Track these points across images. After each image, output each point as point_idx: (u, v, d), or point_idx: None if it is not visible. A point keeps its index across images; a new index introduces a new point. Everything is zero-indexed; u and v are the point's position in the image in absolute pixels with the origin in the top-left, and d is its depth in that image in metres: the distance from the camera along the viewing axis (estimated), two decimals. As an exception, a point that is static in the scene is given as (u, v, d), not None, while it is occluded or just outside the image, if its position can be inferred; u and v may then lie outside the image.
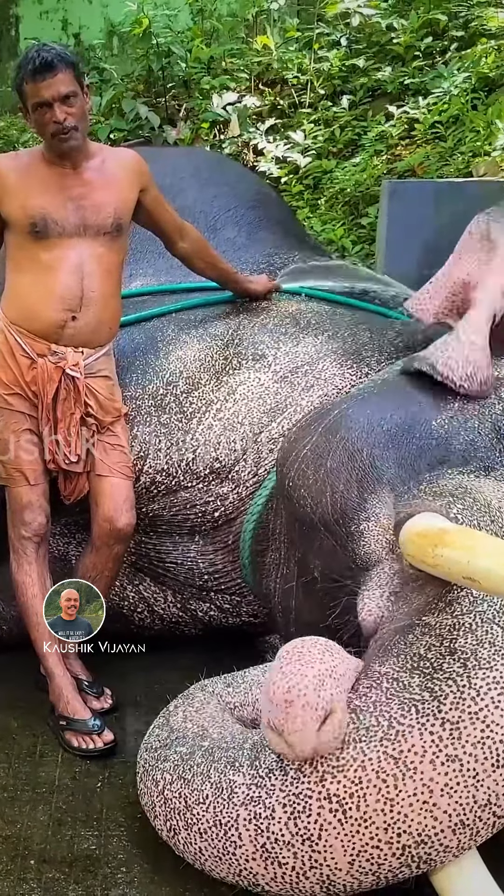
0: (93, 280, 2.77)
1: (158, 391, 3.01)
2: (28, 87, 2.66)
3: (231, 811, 1.95)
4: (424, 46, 6.41)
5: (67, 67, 2.64)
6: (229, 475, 2.90)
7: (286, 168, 6.33)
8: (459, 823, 1.83)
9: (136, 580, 3.14)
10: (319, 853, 1.86)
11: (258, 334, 3.12)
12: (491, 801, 1.83)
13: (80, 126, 2.69)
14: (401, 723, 1.86)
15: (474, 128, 5.42)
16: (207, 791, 2.00)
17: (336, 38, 6.93)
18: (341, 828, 1.84)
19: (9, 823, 2.38)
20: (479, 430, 2.42)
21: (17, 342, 2.78)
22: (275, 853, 1.90)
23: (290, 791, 1.89)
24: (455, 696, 1.85)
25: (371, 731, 1.87)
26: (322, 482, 2.50)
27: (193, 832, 2.01)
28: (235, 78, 7.11)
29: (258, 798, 1.92)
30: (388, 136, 6.02)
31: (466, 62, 5.98)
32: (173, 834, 2.08)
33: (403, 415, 2.50)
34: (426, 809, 1.82)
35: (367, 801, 1.83)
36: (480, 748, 1.82)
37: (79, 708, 2.75)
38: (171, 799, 2.07)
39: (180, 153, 5.34)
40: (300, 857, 1.88)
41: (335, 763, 1.87)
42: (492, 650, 1.89)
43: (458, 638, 1.91)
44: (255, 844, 1.92)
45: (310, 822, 1.86)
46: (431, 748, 1.83)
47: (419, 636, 1.95)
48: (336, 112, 6.52)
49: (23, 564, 2.81)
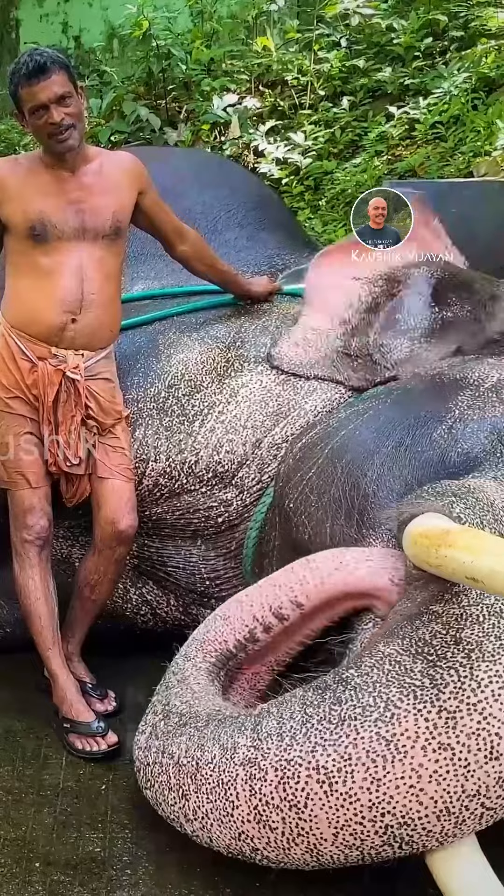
0: (93, 283, 2.78)
1: (160, 394, 3.01)
2: (23, 92, 2.67)
3: (232, 770, 1.99)
4: (424, 47, 6.40)
5: (61, 69, 2.65)
6: (233, 480, 2.90)
7: (287, 169, 6.33)
8: (444, 810, 1.84)
9: (140, 583, 3.14)
10: (305, 822, 1.90)
11: (260, 336, 3.13)
12: (480, 793, 1.84)
13: (76, 125, 2.70)
14: (398, 706, 1.88)
15: (475, 128, 5.42)
16: (215, 751, 2.03)
17: (336, 39, 6.92)
18: (326, 800, 1.88)
19: (14, 826, 2.38)
20: (479, 436, 2.42)
21: (18, 346, 2.78)
22: (266, 816, 1.94)
23: (282, 756, 1.93)
24: (455, 686, 1.86)
25: (367, 711, 1.89)
26: (324, 511, 2.51)
27: (202, 794, 2.04)
28: (236, 80, 7.10)
29: (255, 759, 1.96)
30: (388, 136, 6.02)
31: (467, 62, 5.97)
32: (184, 801, 2.09)
33: (405, 431, 2.50)
34: (412, 793, 1.84)
35: (355, 778, 1.86)
36: (475, 739, 1.83)
37: (82, 710, 2.75)
38: (184, 765, 2.09)
39: (181, 154, 5.34)
40: (288, 823, 1.92)
41: (328, 736, 1.90)
42: (497, 644, 1.89)
43: (465, 628, 1.92)
44: (249, 805, 1.95)
45: (297, 789, 1.90)
46: (424, 734, 1.84)
47: (426, 622, 1.96)
48: (336, 113, 6.51)
49: (25, 568, 2.81)
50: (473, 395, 2.53)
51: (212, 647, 2.38)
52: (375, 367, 2.91)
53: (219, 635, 2.39)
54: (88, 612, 2.92)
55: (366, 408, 2.72)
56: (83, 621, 2.92)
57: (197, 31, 7.58)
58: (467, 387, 2.55)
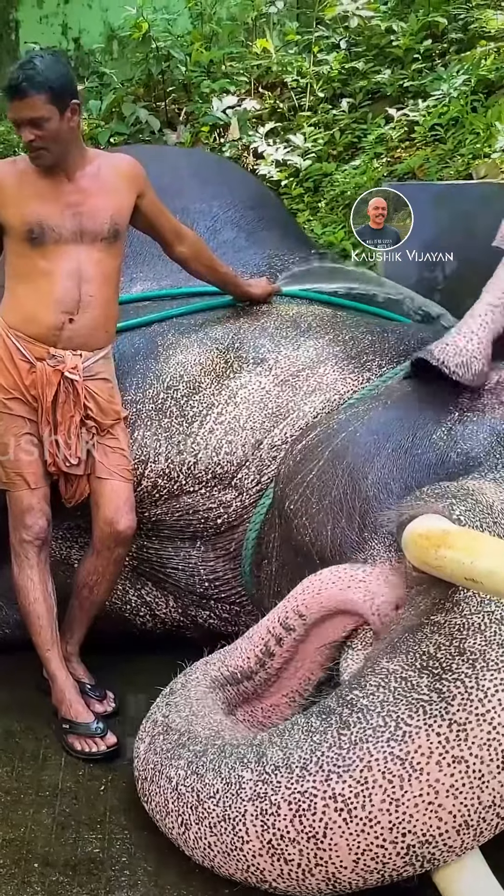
0: (91, 285, 2.78)
1: (159, 395, 3.01)
2: (7, 103, 2.68)
3: (239, 806, 1.96)
4: (424, 49, 6.39)
5: (40, 92, 2.61)
6: (232, 482, 2.90)
7: (286, 171, 6.32)
8: (464, 824, 1.83)
9: (139, 584, 3.14)
10: (325, 851, 1.87)
11: (259, 338, 3.13)
12: (495, 803, 1.84)
13: (50, 147, 2.68)
14: (408, 724, 1.86)
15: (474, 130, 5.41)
16: (217, 785, 2.01)
17: (335, 41, 6.93)
18: (346, 827, 1.85)
19: (12, 827, 2.38)
20: (478, 437, 2.42)
21: (16, 347, 2.79)
22: (280, 850, 1.91)
23: (295, 789, 1.90)
24: (463, 698, 1.85)
25: (378, 731, 1.88)
26: (325, 513, 2.51)
27: (205, 827, 2.02)
28: (235, 81, 7.10)
29: (265, 794, 1.93)
30: (387, 138, 6.01)
31: (466, 64, 5.96)
32: (184, 829, 2.08)
33: (405, 433, 2.50)
34: (431, 810, 1.82)
35: (373, 801, 1.84)
36: (486, 750, 1.82)
37: (81, 711, 2.75)
38: (184, 794, 2.08)
39: (180, 154, 5.34)
40: (305, 855, 1.89)
41: (341, 763, 1.87)
42: (500, 651, 1.89)
43: (468, 638, 1.91)
44: (261, 840, 1.93)
45: (315, 820, 1.87)
46: (438, 749, 1.83)
47: (428, 634, 1.95)
48: (336, 115, 6.51)
49: (24, 568, 2.82)
50: (473, 397, 2.53)
51: (232, 662, 2.38)
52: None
53: (241, 651, 2.39)
54: (87, 613, 2.92)
55: (366, 409, 2.72)
56: (82, 622, 2.93)
57: (196, 32, 7.58)
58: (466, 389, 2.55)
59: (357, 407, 2.78)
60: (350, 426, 2.66)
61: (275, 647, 2.32)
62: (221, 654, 2.44)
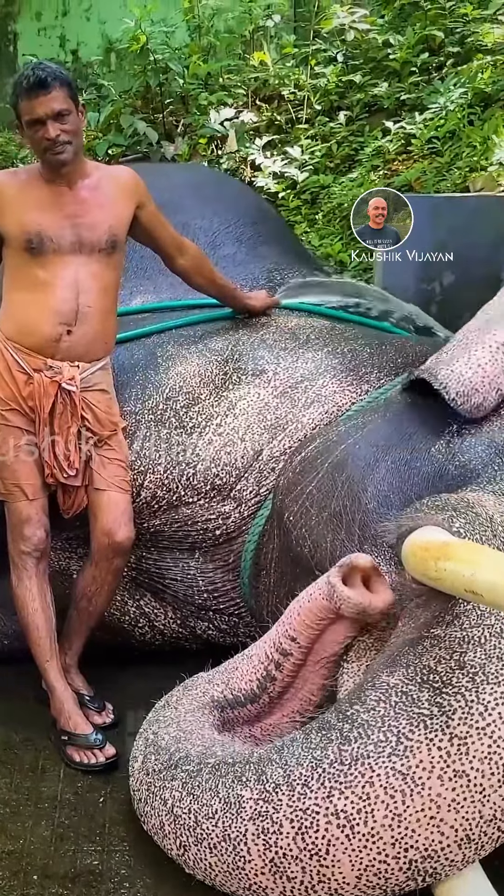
0: (88, 296, 2.79)
1: (158, 406, 3.02)
2: (23, 105, 2.69)
3: (240, 826, 1.95)
4: (421, 62, 6.42)
5: (62, 86, 2.67)
6: (231, 493, 2.91)
7: (283, 183, 6.35)
8: (465, 838, 1.83)
9: (137, 595, 3.14)
10: (328, 868, 1.87)
11: (258, 350, 3.14)
12: (496, 816, 1.84)
13: (73, 141, 2.72)
14: (409, 738, 1.86)
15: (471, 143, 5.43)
16: (216, 805, 2.00)
17: (332, 54, 6.96)
18: (349, 843, 1.85)
19: (11, 839, 2.37)
20: (477, 449, 2.42)
21: (14, 358, 2.79)
22: (283, 868, 1.91)
23: (297, 807, 1.90)
24: (463, 712, 1.85)
25: (379, 746, 1.88)
26: (324, 525, 2.51)
27: (204, 848, 2.02)
28: (233, 94, 7.13)
29: (266, 813, 1.93)
30: (384, 151, 6.03)
31: (463, 78, 5.99)
32: (183, 851, 2.08)
33: (405, 446, 2.50)
34: (433, 825, 1.83)
35: (376, 817, 1.84)
36: (487, 763, 1.83)
37: (80, 722, 2.75)
38: (180, 816, 2.07)
39: (180, 169, 5.36)
40: (308, 872, 1.89)
41: (343, 779, 1.87)
42: (500, 665, 1.89)
43: (468, 652, 1.92)
44: (263, 859, 1.92)
45: (318, 837, 1.87)
46: (440, 764, 1.83)
47: (428, 647, 1.95)
48: (333, 127, 6.54)
49: (23, 579, 2.82)
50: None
51: (235, 685, 2.37)
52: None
53: (243, 673, 2.38)
54: (86, 624, 2.91)
55: (365, 421, 2.72)
56: (81, 633, 2.92)
57: (194, 45, 7.61)
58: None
59: (356, 419, 2.79)
60: (349, 438, 2.67)
61: (275, 671, 2.32)
62: (223, 674, 2.43)
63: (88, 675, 2.96)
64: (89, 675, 2.96)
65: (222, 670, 2.45)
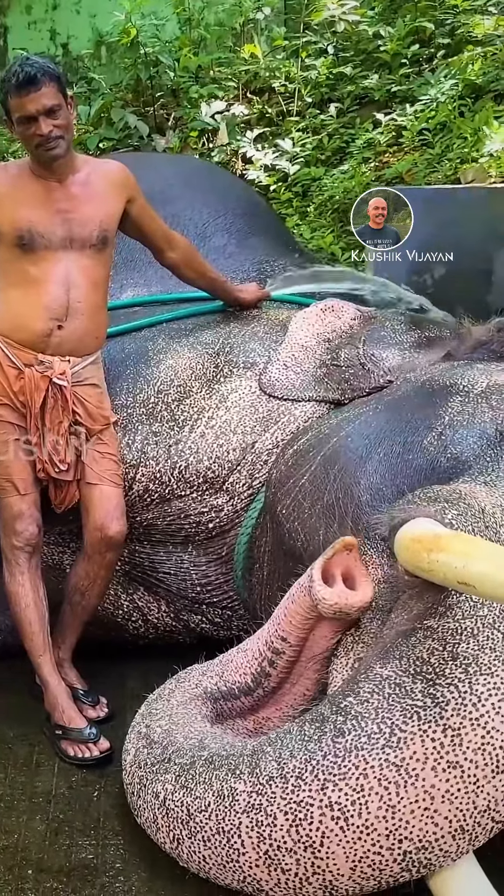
0: (79, 291, 2.79)
1: (149, 399, 3.01)
2: (13, 102, 2.68)
3: (234, 819, 1.95)
4: (411, 54, 6.41)
5: (51, 81, 2.66)
6: (224, 486, 2.91)
7: (275, 176, 6.33)
8: (459, 829, 1.83)
9: (131, 589, 3.14)
10: (322, 860, 1.87)
11: (249, 342, 3.13)
12: (490, 807, 1.84)
13: (65, 136, 2.71)
14: (403, 730, 1.86)
15: (462, 134, 5.43)
16: (209, 798, 2.00)
17: (323, 46, 6.95)
18: (343, 835, 1.85)
19: (6, 833, 2.38)
20: (468, 441, 2.43)
21: (4, 353, 2.79)
22: (277, 860, 1.91)
23: (291, 799, 1.90)
24: (457, 703, 1.85)
25: (373, 738, 1.88)
26: (317, 518, 2.51)
27: (197, 841, 2.02)
28: (223, 87, 7.11)
29: (260, 806, 1.93)
30: (375, 143, 6.02)
31: (453, 69, 5.98)
32: (177, 844, 2.08)
33: (396, 438, 2.50)
34: (427, 816, 1.83)
35: (370, 809, 1.84)
36: (481, 754, 1.83)
37: (74, 717, 2.75)
38: (173, 809, 2.07)
39: (170, 161, 5.35)
40: (303, 864, 1.89)
41: (337, 771, 1.87)
42: (492, 655, 1.89)
43: (461, 643, 1.92)
44: (257, 851, 1.93)
45: (312, 829, 1.87)
46: (433, 755, 1.83)
47: (421, 639, 1.95)
48: (324, 120, 6.52)
49: (15, 574, 2.81)
50: (463, 400, 2.54)
51: (230, 677, 2.37)
52: (369, 375, 2.91)
53: (238, 666, 2.39)
54: (79, 618, 2.91)
55: (357, 414, 2.72)
56: (74, 627, 2.92)
57: (185, 38, 7.58)
58: (457, 393, 2.56)
59: (348, 411, 2.79)
60: (341, 430, 2.67)
61: (269, 668, 2.32)
62: (218, 666, 2.43)
63: (82, 669, 2.96)
64: (83, 669, 2.96)
65: (217, 662, 2.45)
